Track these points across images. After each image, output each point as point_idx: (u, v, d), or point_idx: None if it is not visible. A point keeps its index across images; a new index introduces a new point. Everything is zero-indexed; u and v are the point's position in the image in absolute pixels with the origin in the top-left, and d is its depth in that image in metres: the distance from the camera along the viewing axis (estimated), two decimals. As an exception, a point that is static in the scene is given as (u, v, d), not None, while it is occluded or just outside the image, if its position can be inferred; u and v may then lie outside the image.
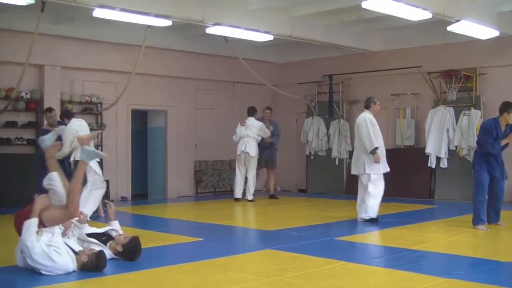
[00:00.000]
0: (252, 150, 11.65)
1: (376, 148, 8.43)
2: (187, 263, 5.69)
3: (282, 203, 11.52)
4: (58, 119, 9.48)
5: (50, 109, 9.54)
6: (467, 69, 11.63)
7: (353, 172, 8.86)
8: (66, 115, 9.20)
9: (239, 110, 14.39)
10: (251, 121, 11.81)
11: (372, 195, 8.52)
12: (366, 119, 8.53)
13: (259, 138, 11.74)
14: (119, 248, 5.80)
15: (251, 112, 11.93)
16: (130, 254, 5.82)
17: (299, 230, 7.89)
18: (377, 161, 8.40)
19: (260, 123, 11.81)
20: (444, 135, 11.75)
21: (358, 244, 6.82)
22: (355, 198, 12.27)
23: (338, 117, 13.57)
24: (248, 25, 10.35)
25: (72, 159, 8.97)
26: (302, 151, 14.22)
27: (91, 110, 11.74)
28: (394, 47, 12.94)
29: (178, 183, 13.29)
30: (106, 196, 11.77)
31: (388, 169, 8.66)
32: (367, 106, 8.80)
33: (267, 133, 11.80)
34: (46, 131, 9.37)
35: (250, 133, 11.69)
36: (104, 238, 5.95)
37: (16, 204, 9.74)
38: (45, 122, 9.73)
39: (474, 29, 10.18)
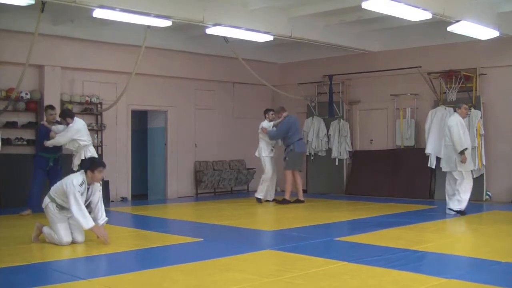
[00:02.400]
0: (257, 151, 11.75)
1: (465, 149, 9.30)
2: (187, 264, 5.69)
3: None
4: (58, 118, 9.70)
5: (52, 107, 9.88)
6: (467, 69, 11.63)
7: (444, 169, 9.67)
8: (70, 115, 9.46)
9: (239, 110, 14.43)
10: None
11: (465, 190, 9.36)
12: (458, 122, 9.42)
13: (266, 139, 11.61)
14: (89, 175, 6.70)
15: (264, 115, 11.92)
16: (94, 161, 6.95)
17: (299, 231, 7.90)
18: (463, 161, 9.28)
19: (261, 124, 11.74)
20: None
21: (358, 244, 6.81)
22: (355, 199, 12.42)
23: (338, 118, 13.57)
24: (248, 26, 10.35)
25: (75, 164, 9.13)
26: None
27: (91, 110, 11.74)
28: (394, 47, 12.95)
29: (178, 183, 13.29)
30: (107, 196, 11.82)
31: (474, 167, 9.55)
32: (455, 109, 9.74)
33: (266, 131, 11.57)
34: (45, 128, 9.55)
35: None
36: None
37: (16, 205, 9.80)
38: (44, 118, 9.94)
39: (474, 29, 10.18)
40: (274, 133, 11.58)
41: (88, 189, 6.75)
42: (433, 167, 11.89)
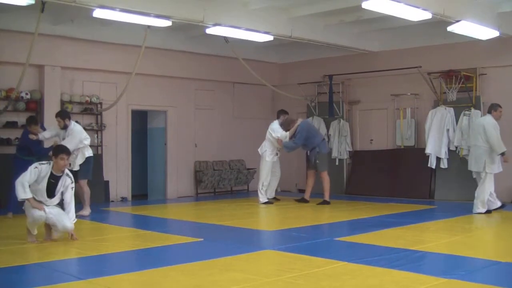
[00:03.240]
0: (261, 148, 11.56)
1: (505, 151, 9.37)
2: (187, 264, 5.69)
3: (282, 203, 11.52)
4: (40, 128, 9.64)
5: (36, 122, 9.65)
6: (467, 69, 11.63)
7: (473, 168, 9.71)
8: (68, 116, 9.42)
9: (239, 110, 14.43)
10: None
11: (487, 191, 9.51)
12: (494, 125, 9.47)
13: (272, 139, 11.40)
14: (54, 161, 6.84)
15: (277, 115, 11.85)
16: (58, 147, 7.19)
17: (299, 231, 7.90)
18: (506, 160, 9.50)
19: (274, 129, 11.46)
20: (444, 135, 11.76)
21: (358, 244, 6.82)
22: (355, 199, 12.42)
23: (338, 118, 13.57)
24: (248, 26, 10.35)
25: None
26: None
27: (91, 110, 11.74)
28: (394, 47, 12.95)
29: (178, 183, 13.29)
30: (106, 196, 11.84)
31: (501, 169, 9.65)
32: (490, 111, 9.71)
33: (279, 134, 11.35)
34: (32, 142, 9.34)
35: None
36: None
37: (16, 205, 9.76)
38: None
39: (474, 29, 10.18)
40: (291, 145, 11.41)
41: (59, 179, 6.87)
42: (433, 167, 11.90)
